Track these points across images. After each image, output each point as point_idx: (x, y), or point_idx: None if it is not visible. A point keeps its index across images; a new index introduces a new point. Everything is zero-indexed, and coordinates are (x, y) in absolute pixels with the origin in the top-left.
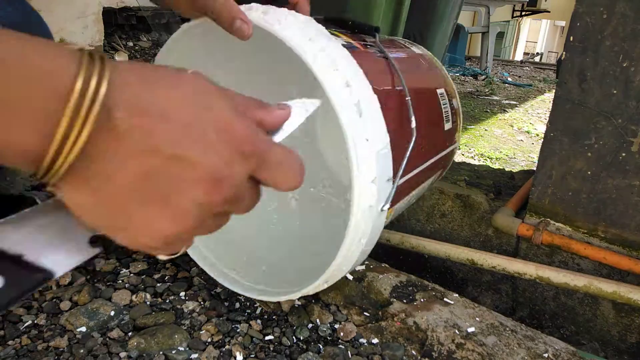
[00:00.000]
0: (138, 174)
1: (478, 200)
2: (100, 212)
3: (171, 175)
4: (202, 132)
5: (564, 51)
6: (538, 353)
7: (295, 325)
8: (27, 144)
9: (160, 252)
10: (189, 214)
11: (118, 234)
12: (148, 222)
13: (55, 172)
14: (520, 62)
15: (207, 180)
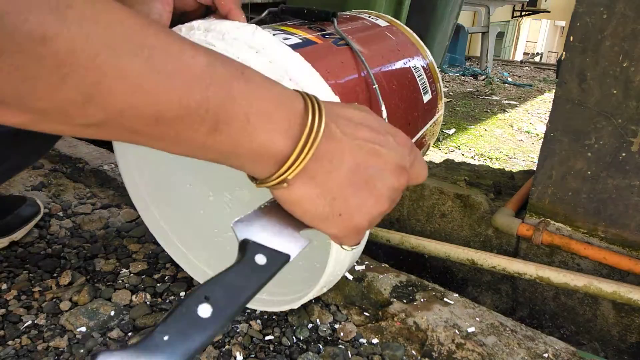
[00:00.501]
0: (351, 167)
1: (478, 200)
2: (323, 200)
3: (374, 166)
4: (386, 134)
5: (564, 51)
6: (538, 353)
7: (295, 325)
8: (280, 146)
9: (358, 238)
10: (386, 197)
11: (333, 220)
12: (360, 205)
13: (295, 169)
14: (520, 62)
15: (396, 169)
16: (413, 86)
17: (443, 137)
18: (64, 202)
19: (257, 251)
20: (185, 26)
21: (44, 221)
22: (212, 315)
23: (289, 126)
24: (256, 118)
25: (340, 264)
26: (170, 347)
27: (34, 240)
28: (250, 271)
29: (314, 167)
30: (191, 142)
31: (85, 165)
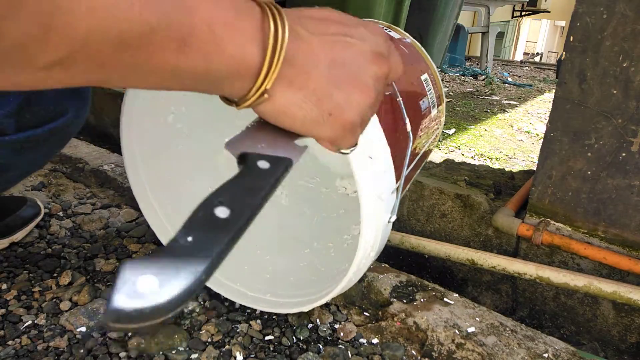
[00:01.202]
0: (327, 64)
1: (478, 200)
2: (309, 103)
3: (350, 59)
4: (356, 25)
5: (564, 51)
6: (538, 353)
7: (295, 325)
8: (252, 55)
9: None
10: (371, 86)
11: (324, 121)
12: (348, 99)
13: (271, 76)
14: (520, 62)
15: (374, 57)
16: (425, 100)
17: (443, 137)
18: (64, 202)
19: (258, 158)
20: None
21: (44, 221)
22: (230, 216)
23: (253, 34)
24: (220, 28)
25: (361, 270)
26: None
27: (34, 240)
28: (256, 175)
29: (290, 72)
30: (162, 67)
31: (85, 165)
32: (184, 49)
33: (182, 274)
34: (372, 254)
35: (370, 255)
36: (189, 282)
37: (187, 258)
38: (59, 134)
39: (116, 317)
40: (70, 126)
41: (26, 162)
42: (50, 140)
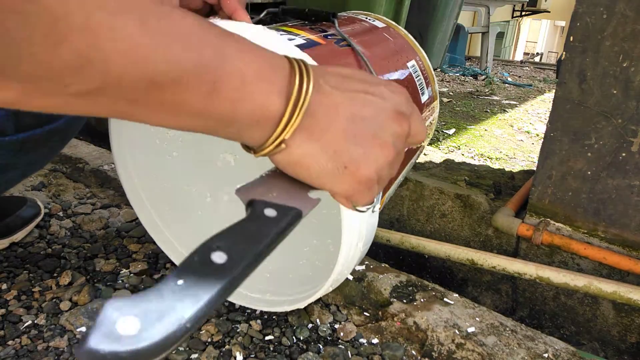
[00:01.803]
0: (347, 118)
1: (478, 200)
2: (325, 155)
3: (370, 116)
4: (377, 84)
5: (564, 51)
6: (538, 353)
7: (295, 325)
8: (276, 106)
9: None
10: (389, 143)
11: (340, 174)
12: (364, 153)
13: (290, 127)
14: (520, 62)
15: (394, 115)
16: (412, 87)
17: (443, 137)
18: (64, 202)
19: (266, 206)
20: None
21: (44, 221)
22: (227, 262)
23: (280, 86)
24: (252, 79)
25: (349, 262)
26: (187, 293)
27: (34, 240)
28: (261, 222)
29: (310, 123)
30: (190, 109)
31: (85, 165)
32: (213, 94)
33: (166, 319)
34: (359, 245)
35: (358, 245)
36: (173, 329)
37: (174, 302)
38: (59, 134)
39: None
40: (70, 127)
41: (26, 163)
42: (50, 140)
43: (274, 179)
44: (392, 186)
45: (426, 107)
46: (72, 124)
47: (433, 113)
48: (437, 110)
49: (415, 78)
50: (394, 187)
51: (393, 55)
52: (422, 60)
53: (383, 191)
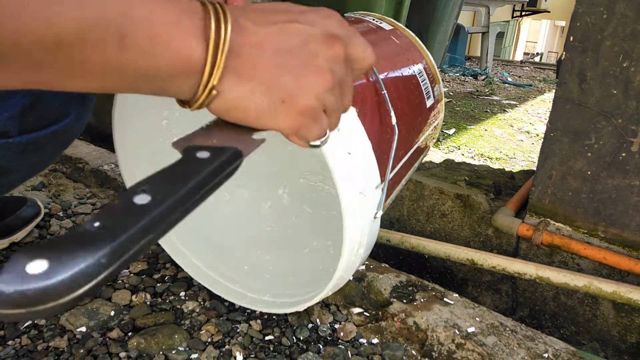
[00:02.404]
0: (275, 51)
1: (478, 200)
2: (259, 94)
3: (299, 44)
4: (302, 13)
5: (564, 51)
6: (538, 353)
7: (295, 325)
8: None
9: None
10: (325, 69)
11: (279, 110)
12: (299, 85)
13: (217, 71)
14: (520, 62)
15: (325, 38)
16: (417, 91)
17: (443, 137)
18: (64, 202)
19: (199, 150)
20: None
21: (44, 221)
22: (149, 202)
23: (195, 31)
24: (161, 26)
25: (350, 267)
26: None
27: (34, 240)
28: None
29: (237, 64)
30: (103, 67)
31: (85, 165)
32: (124, 47)
33: (78, 257)
34: (360, 251)
35: (359, 252)
36: (85, 264)
37: (88, 242)
38: (61, 136)
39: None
40: (73, 129)
41: (28, 165)
42: (52, 142)
43: (216, 127)
44: (396, 189)
45: (430, 110)
46: (75, 126)
47: (438, 116)
48: (442, 113)
49: (421, 82)
50: (398, 189)
51: (398, 58)
52: (428, 64)
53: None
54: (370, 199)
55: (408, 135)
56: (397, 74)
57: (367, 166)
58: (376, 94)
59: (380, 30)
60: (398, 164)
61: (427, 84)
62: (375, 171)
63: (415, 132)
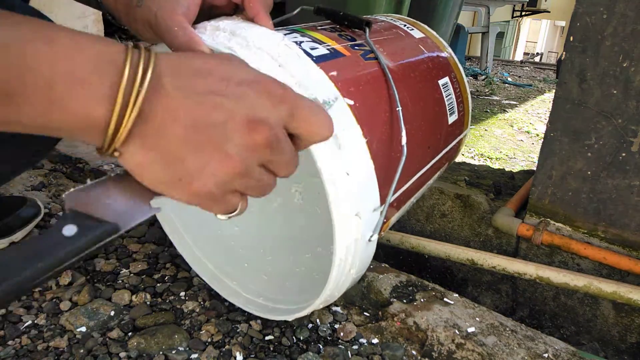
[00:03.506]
0: (187, 125)
1: (478, 200)
2: (158, 166)
3: (215, 122)
4: (238, 83)
5: (564, 51)
6: (538, 353)
7: (295, 325)
8: (100, 113)
9: (218, 206)
10: (235, 157)
11: (175, 186)
12: (201, 167)
13: (120, 136)
14: (520, 62)
15: (246, 123)
16: (439, 107)
17: None
18: (63, 202)
19: (69, 221)
20: (210, 25)
21: (44, 221)
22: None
23: (106, 89)
24: (63, 85)
25: (340, 287)
26: None
27: None
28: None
29: (143, 130)
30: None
31: (85, 165)
32: (10, 104)
33: None
34: (352, 272)
35: (350, 272)
36: None
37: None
38: None
39: None
40: None
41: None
42: None
43: (119, 180)
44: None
45: (452, 127)
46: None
47: (461, 133)
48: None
49: (446, 97)
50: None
51: (423, 70)
52: (457, 76)
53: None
54: (367, 221)
55: (422, 154)
56: (419, 88)
57: (366, 188)
58: (390, 109)
59: (409, 38)
60: (405, 184)
61: (453, 99)
62: (375, 194)
63: (432, 150)
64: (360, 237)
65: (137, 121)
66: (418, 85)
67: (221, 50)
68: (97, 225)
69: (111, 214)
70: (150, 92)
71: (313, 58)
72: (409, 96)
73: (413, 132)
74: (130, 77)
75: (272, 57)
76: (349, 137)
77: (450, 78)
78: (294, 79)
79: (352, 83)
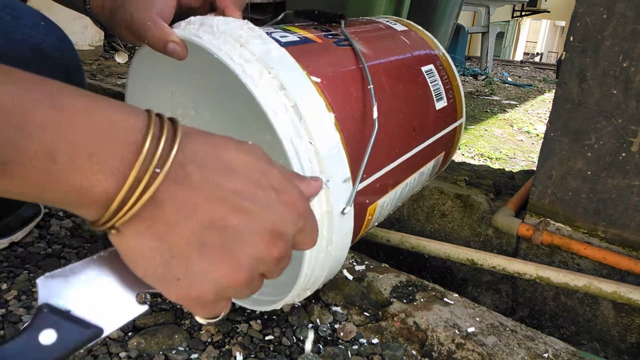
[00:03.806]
0: (203, 223)
1: (478, 200)
2: (159, 258)
3: (234, 227)
4: (266, 190)
5: (564, 51)
6: (538, 353)
7: (295, 325)
8: (105, 187)
9: (205, 311)
10: (244, 266)
11: (170, 284)
12: (205, 272)
13: (123, 215)
14: (520, 62)
15: (267, 235)
16: (423, 91)
17: None
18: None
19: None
20: (184, 22)
21: (44, 221)
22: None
23: (121, 164)
24: (67, 156)
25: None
26: None
27: (34, 240)
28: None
29: (154, 215)
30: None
31: None
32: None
33: None
34: (330, 248)
35: (329, 249)
36: None
37: None
38: None
39: None
40: None
41: None
42: None
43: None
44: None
45: (442, 113)
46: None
47: (454, 122)
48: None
49: (430, 82)
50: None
51: (401, 55)
52: (443, 66)
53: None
54: (337, 192)
55: (406, 135)
56: (396, 71)
57: (333, 158)
58: (363, 89)
59: (389, 30)
60: (389, 164)
61: (439, 85)
62: (344, 164)
63: (418, 133)
64: (332, 209)
65: (148, 203)
66: (397, 70)
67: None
68: (79, 331)
69: (94, 313)
70: (172, 178)
71: (280, 43)
72: (386, 79)
73: (391, 113)
74: (148, 155)
75: (234, 39)
76: (311, 109)
77: (436, 66)
78: (254, 56)
79: (321, 64)
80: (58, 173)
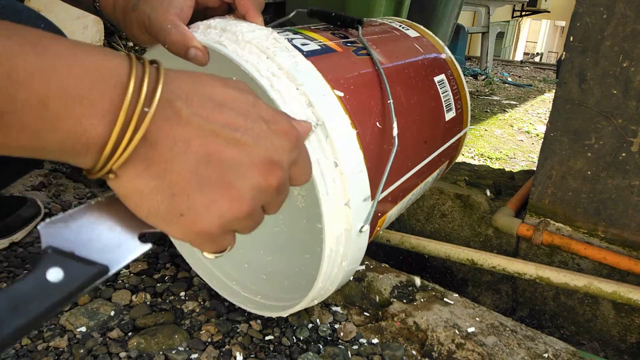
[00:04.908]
0: (199, 158)
1: (478, 200)
2: (160, 197)
3: (231, 159)
4: (256, 121)
5: (564, 51)
6: (538, 353)
7: (295, 325)
8: (99, 131)
9: (211, 245)
10: (246, 197)
11: (174, 221)
12: (207, 205)
13: (118, 158)
14: (520, 62)
15: (263, 164)
16: (435, 102)
17: None
18: (64, 202)
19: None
20: (203, 24)
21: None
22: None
23: (110, 106)
24: (58, 102)
25: (333, 280)
26: None
27: (34, 240)
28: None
29: (150, 155)
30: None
31: None
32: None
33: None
34: (344, 264)
35: (342, 264)
36: None
37: None
38: None
39: None
40: None
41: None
42: None
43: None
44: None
45: (450, 124)
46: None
47: (461, 131)
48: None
49: (442, 93)
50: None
51: (417, 66)
52: (453, 75)
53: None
54: (357, 211)
55: (418, 148)
56: (412, 83)
57: (356, 178)
58: (382, 103)
59: (404, 37)
60: (401, 177)
61: (449, 96)
62: (365, 183)
63: (429, 145)
64: (351, 228)
65: (141, 144)
66: (412, 81)
67: (214, 47)
68: (85, 268)
69: (98, 253)
70: (162, 116)
71: (303, 53)
72: (402, 91)
73: (407, 126)
74: (134, 94)
75: (261, 50)
76: (337, 127)
77: (447, 75)
78: (282, 70)
79: (343, 76)
80: (52, 120)
